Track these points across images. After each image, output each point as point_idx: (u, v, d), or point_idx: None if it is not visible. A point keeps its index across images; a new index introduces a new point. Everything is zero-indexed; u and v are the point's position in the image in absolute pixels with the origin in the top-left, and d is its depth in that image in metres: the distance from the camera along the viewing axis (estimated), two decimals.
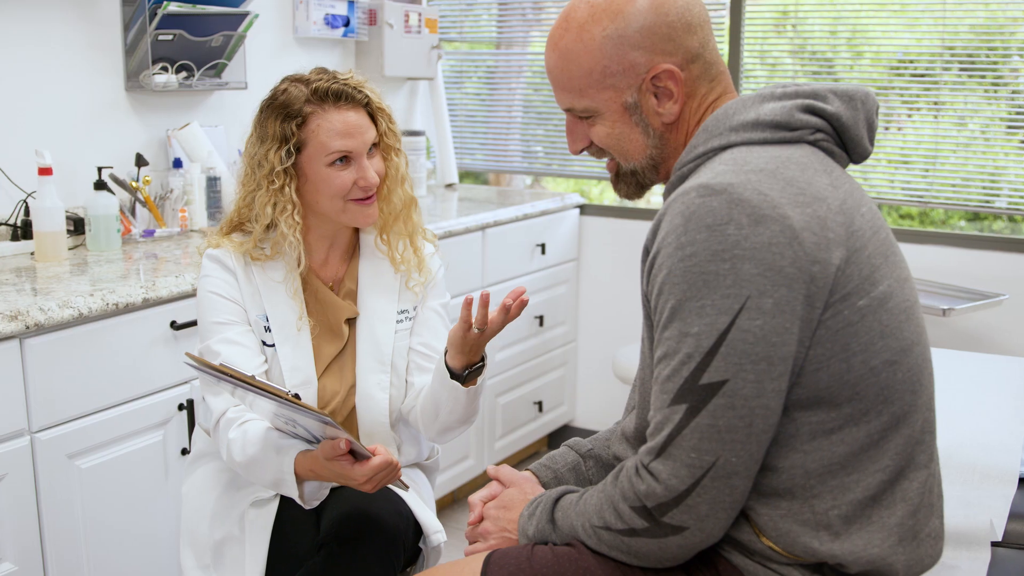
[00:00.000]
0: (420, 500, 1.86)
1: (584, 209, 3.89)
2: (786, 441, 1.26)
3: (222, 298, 1.82)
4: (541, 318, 3.66)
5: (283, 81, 1.82)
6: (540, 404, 3.75)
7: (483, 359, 1.78)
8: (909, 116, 3.44)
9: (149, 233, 2.72)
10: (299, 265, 1.83)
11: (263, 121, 1.80)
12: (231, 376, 1.52)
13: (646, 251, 1.30)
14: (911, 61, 3.34)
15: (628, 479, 1.28)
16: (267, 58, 3.30)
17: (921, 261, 3.22)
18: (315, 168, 1.79)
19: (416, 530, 1.83)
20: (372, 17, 3.62)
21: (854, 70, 3.45)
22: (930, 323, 3.15)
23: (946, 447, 1.80)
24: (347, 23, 3.53)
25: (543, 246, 3.61)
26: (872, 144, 1.38)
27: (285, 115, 1.77)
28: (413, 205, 1.92)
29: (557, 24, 1.38)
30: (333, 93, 1.78)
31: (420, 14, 3.75)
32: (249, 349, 1.81)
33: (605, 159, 1.45)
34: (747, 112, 1.30)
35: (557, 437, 3.99)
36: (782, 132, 1.29)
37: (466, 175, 4.47)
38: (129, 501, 2.21)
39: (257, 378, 1.55)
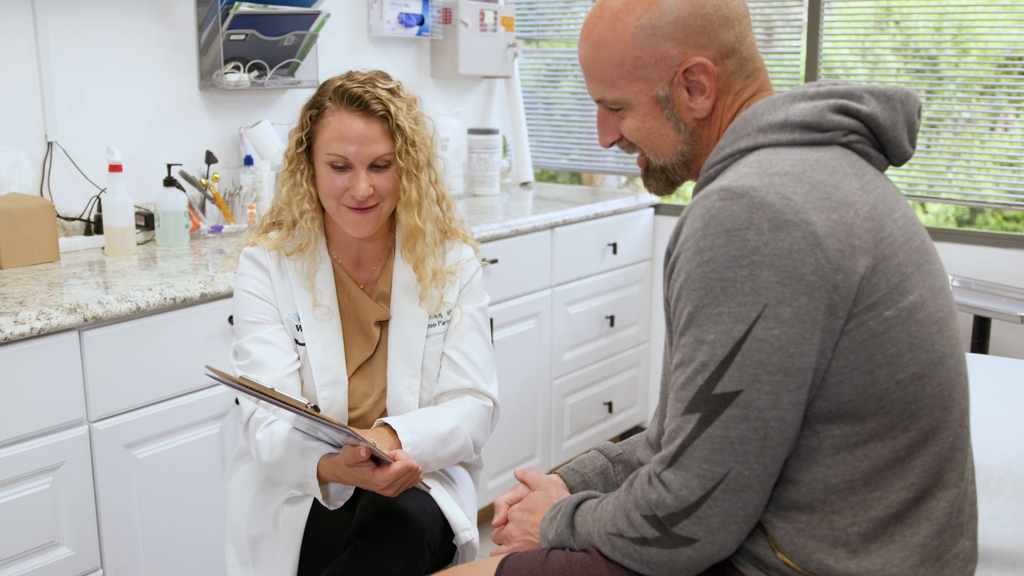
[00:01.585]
0: (449, 498, 1.85)
1: (659, 208, 3.83)
2: (808, 454, 1.21)
3: (255, 297, 1.84)
4: (612, 318, 3.62)
5: (338, 76, 1.84)
6: (610, 405, 3.71)
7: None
8: (1017, 116, 3.30)
9: (217, 229, 2.78)
10: (316, 245, 1.85)
11: (302, 108, 1.83)
12: (251, 388, 1.54)
13: (668, 254, 1.26)
14: (1020, 58, 3.20)
15: (641, 487, 1.25)
16: (341, 57, 3.34)
17: (1005, 265, 3.08)
18: (318, 162, 1.81)
19: (447, 528, 1.82)
20: (447, 16, 3.63)
21: (959, 68, 3.32)
22: (1009, 330, 3.02)
23: (1006, 461, 1.72)
24: (421, 22, 3.54)
25: (615, 246, 3.57)
26: (913, 146, 1.32)
27: (311, 104, 1.80)
28: (419, 236, 1.84)
29: (592, 12, 1.35)
30: (350, 96, 1.76)
31: (496, 12, 3.74)
32: (280, 348, 1.83)
33: (636, 154, 1.41)
34: (776, 112, 1.26)
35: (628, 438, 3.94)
36: (812, 133, 1.24)
37: (561, 174, 4.46)
38: (185, 492, 2.26)
39: (276, 390, 1.57)
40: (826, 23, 3.45)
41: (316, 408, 1.54)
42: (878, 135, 1.27)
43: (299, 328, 1.85)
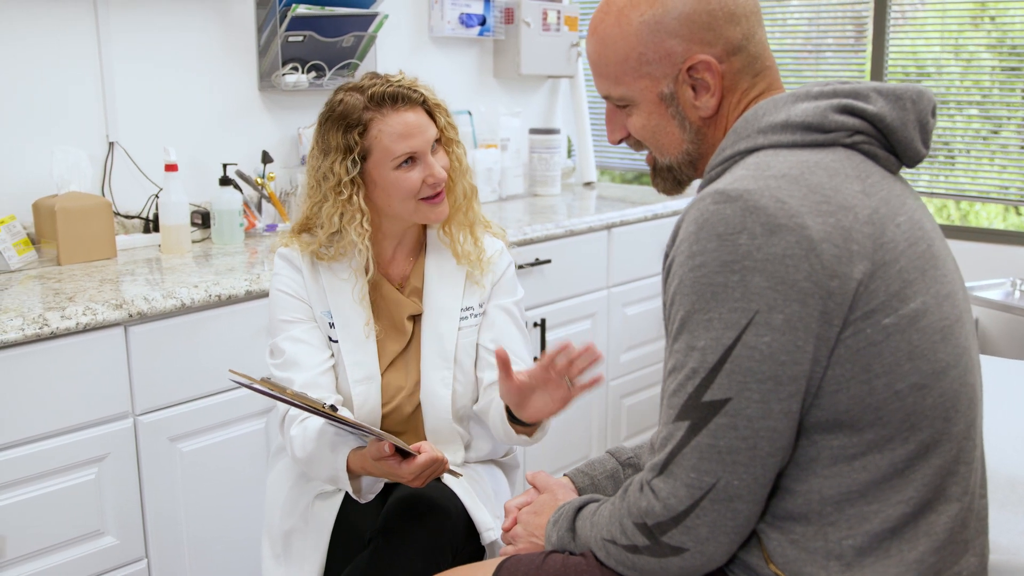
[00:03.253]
0: (475, 497, 1.85)
1: None
2: (806, 464, 1.18)
3: (289, 296, 1.87)
4: None
5: (338, 92, 1.84)
6: None
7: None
8: None
9: (272, 227, 2.83)
10: (367, 273, 1.86)
11: (324, 134, 1.82)
12: (271, 392, 1.56)
13: (665, 258, 1.24)
14: None
15: (633, 494, 1.23)
16: (402, 57, 3.37)
17: None
18: (383, 173, 1.81)
19: (474, 527, 1.83)
20: (509, 15, 3.63)
21: None
22: None
23: None
24: (483, 22, 3.55)
25: None
26: (927, 147, 1.27)
27: (346, 125, 1.79)
28: (474, 195, 1.93)
29: (599, 8, 1.34)
30: (390, 96, 1.79)
31: (559, 12, 3.73)
32: (313, 347, 1.86)
33: (644, 152, 1.40)
34: (777, 113, 1.22)
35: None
36: (814, 134, 1.20)
37: (644, 177, 4.45)
38: (228, 485, 2.31)
39: (294, 391, 1.61)
40: (920, 19, 3.36)
41: (334, 408, 1.57)
42: (887, 135, 1.23)
43: (332, 326, 1.88)
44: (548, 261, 3.01)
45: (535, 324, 3.00)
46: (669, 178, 1.38)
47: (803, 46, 3.71)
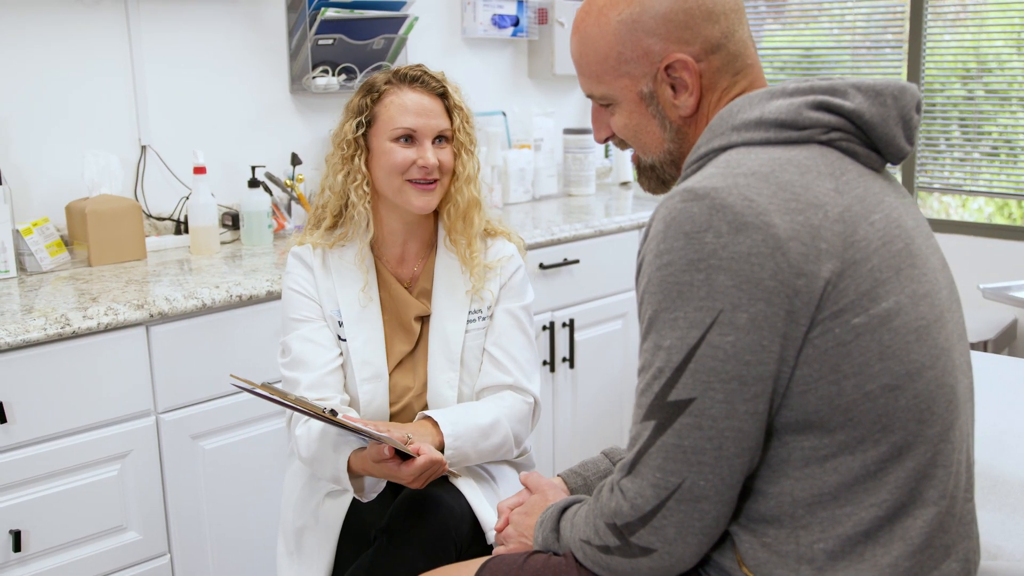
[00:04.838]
0: (481, 496, 1.86)
1: None
2: (778, 466, 1.16)
3: (299, 295, 1.90)
4: None
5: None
6: None
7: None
8: None
9: (300, 229, 2.87)
10: (368, 229, 1.89)
11: (350, 101, 1.91)
12: (272, 396, 1.59)
13: (638, 255, 1.24)
14: None
15: (605, 495, 1.23)
16: (435, 59, 3.38)
17: None
18: (379, 141, 1.87)
19: (479, 526, 1.83)
20: (542, 16, 3.63)
21: None
22: None
23: None
24: (516, 23, 3.56)
25: None
26: (911, 143, 1.24)
27: (366, 92, 1.89)
28: (476, 208, 1.93)
29: (581, 7, 1.35)
30: (411, 76, 1.88)
31: None
32: (322, 346, 1.88)
33: (630, 151, 1.40)
34: (751, 110, 1.21)
35: None
36: (788, 131, 1.19)
37: None
38: (250, 483, 2.34)
39: (292, 395, 1.64)
40: (981, 13, 3.30)
41: (334, 412, 1.59)
42: (867, 132, 1.21)
43: (340, 324, 1.90)
44: (576, 261, 3.01)
45: (563, 324, 3.01)
46: (653, 177, 1.38)
47: (861, 42, 3.66)
